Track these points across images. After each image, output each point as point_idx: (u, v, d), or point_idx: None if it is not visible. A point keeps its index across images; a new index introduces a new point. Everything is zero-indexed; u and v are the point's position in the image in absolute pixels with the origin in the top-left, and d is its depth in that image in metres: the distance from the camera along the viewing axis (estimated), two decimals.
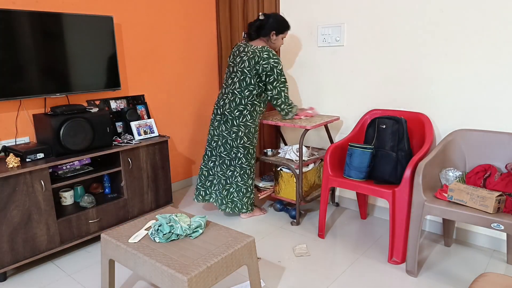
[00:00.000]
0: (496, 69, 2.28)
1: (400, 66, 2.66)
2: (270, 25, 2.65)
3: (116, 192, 2.80)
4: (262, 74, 2.59)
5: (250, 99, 2.66)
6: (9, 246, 2.16)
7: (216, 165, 2.87)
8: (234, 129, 2.71)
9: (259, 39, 2.71)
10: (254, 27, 2.68)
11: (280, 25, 2.68)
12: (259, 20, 2.68)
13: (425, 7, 2.48)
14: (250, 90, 2.64)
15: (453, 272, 2.21)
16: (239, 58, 2.69)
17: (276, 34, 2.69)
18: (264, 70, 2.58)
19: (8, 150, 2.37)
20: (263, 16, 2.67)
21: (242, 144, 2.73)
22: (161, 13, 3.24)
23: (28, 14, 2.33)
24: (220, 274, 1.65)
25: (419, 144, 2.53)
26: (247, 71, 2.62)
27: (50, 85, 2.49)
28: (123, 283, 2.18)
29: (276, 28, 2.67)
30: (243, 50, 2.69)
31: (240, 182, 2.80)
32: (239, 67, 2.67)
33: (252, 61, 2.60)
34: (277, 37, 2.70)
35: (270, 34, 2.67)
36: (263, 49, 2.60)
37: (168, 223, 1.83)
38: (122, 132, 2.94)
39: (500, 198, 1.87)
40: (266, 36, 2.69)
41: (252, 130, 2.73)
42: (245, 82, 2.64)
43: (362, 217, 2.93)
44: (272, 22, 2.65)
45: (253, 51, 2.62)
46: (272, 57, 2.59)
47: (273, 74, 2.59)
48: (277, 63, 2.59)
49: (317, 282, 2.14)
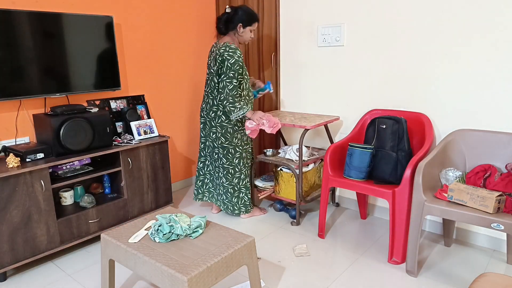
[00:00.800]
0: (496, 69, 2.28)
1: (400, 66, 2.66)
2: (238, 18, 2.61)
3: (116, 192, 2.80)
4: (219, 67, 2.58)
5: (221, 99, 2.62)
6: (9, 246, 2.16)
7: (206, 164, 2.93)
8: (213, 129, 2.76)
9: (228, 33, 2.68)
10: (223, 21, 2.65)
11: (247, 17, 2.63)
12: (226, 13, 2.64)
13: (425, 7, 2.48)
14: (217, 89, 2.64)
15: (453, 272, 2.21)
16: (209, 60, 2.73)
17: (244, 26, 2.64)
18: (220, 63, 2.57)
19: (8, 150, 2.37)
20: (230, 9, 2.63)
21: (221, 144, 2.75)
22: (161, 13, 3.24)
23: (28, 14, 2.33)
24: (220, 274, 1.65)
25: (419, 144, 2.53)
26: (213, 71, 2.65)
27: (50, 85, 2.49)
28: (123, 283, 2.18)
29: (243, 20, 2.62)
30: (213, 51, 2.70)
31: (226, 183, 2.82)
32: (209, 69, 2.72)
33: (215, 60, 2.62)
34: (244, 29, 2.65)
35: (237, 26, 2.63)
36: (223, 44, 2.58)
37: (168, 223, 1.83)
38: (122, 132, 2.94)
39: (500, 198, 1.87)
40: (234, 29, 2.65)
41: (229, 130, 2.71)
42: (213, 82, 2.67)
43: (362, 217, 2.93)
44: (240, 14, 2.61)
45: (218, 48, 2.62)
46: (227, 51, 2.54)
47: (223, 66, 2.55)
48: (230, 56, 2.52)
49: (317, 282, 2.14)
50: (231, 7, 2.65)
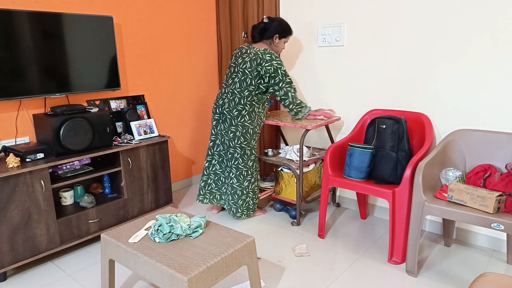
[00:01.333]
0: (496, 69, 2.28)
1: (400, 66, 2.66)
2: (274, 28, 2.70)
3: (116, 192, 2.80)
4: (265, 76, 2.61)
5: (249, 100, 2.66)
6: (9, 246, 2.16)
7: (212, 164, 2.91)
8: (232, 128, 2.72)
9: (262, 41, 2.75)
10: (258, 30, 2.73)
11: (283, 29, 2.73)
12: (263, 22, 2.72)
13: (425, 7, 2.48)
14: (250, 91, 2.65)
15: (453, 272, 2.21)
16: (241, 59, 2.72)
17: (279, 37, 2.73)
18: (267, 72, 2.60)
19: (8, 150, 2.37)
20: (268, 19, 2.71)
21: (239, 144, 2.73)
22: (161, 13, 3.24)
23: (28, 14, 2.33)
24: (220, 274, 1.65)
25: (419, 144, 2.53)
26: (248, 72, 2.64)
27: (50, 85, 2.49)
28: (123, 283, 2.18)
29: (280, 32, 2.71)
30: (245, 51, 2.72)
31: (236, 183, 2.79)
32: (241, 68, 2.69)
33: (254, 62, 2.62)
34: (279, 40, 2.74)
35: (273, 37, 2.71)
36: (265, 51, 2.62)
37: (168, 223, 1.83)
38: (122, 132, 2.94)
39: (500, 198, 1.87)
40: (270, 39, 2.72)
41: (250, 131, 2.72)
42: (245, 82, 2.65)
43: (362, 217, 2.93)
44: (276, 26, 2.70)
45: (255, 52, 2.64)
46: (275, 59, 2.61)
47: (277, 75, 2.60)
48: (280, 64, 2.61)
49: (317, 282, 2.14)
50: (269, 17, 2.73)
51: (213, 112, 2.85)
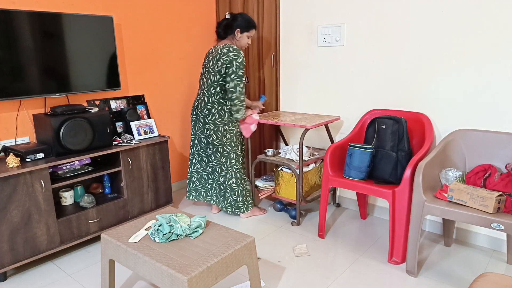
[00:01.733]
0: (496, 69, 2.28)
1: (400, 66, 2.66)
2: (236, 24, 2.74)
3: (116, 192, 2.80)
4: (222, 67, 2.65)
5: (217, 98, 2.72)
6: (9, 246, 2.16)
7: (193, 163, 2.98)
8: (206, 126, 2.80)
9: (226, 38, 2.81)
10: (222, 26, 2.79)
11: (245, 23, 2.75)
12: (226, 19, 2.78)
13: (425, 7, 2.48)
14: (214, 88, 2.71)
15: (453, 272, 2.21)
16: (207, 60, 2.80)
17: (241, 31, 2.76)
18: (224, 63, 2.64)
19: (8, 150, 2.37)
20: (230, 15, 2.77)
21: (212, 141, 2.80)
22: (161, 13, 3.24)
23: (28, 14, 2.33)
24: (220, 274, 1.65)
25: (419, 144, 2.53)
26: (211, 69, 2.72)
27: (50, 85, 2.49)
28: (123, 283, 2.18)
29: (241, 26, 2.74)
30: (211, 52, 2.79)
31: (215, 179, 2.89)
32: (206, 68, 2.78)
33: (214, 59, 2.70)
34: (241, 34, 2.77)
35: (235, 31, 2.74)
36: (224, 46, 2.68)
37: (168, 223, 1.83)
38: (122, 132, 2.94)
39: (500, 198, 1.87)
40: (232, 34, 2.76)
41: (220, 129, 2.76)
42: (210, 80, 2.73)
43: (362, 217, 2.93)
44: (239, 20, 2.74)
45: (217, 50, 2.72)
46: (231, 51, 2.64)
47: (231, 66, 2.64)
48: (236, 55, 2.64)
49: (317, 282, 2.14)
50: (231, 14, 2.78)
51: (191, 114, 2.93)
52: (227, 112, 2.76)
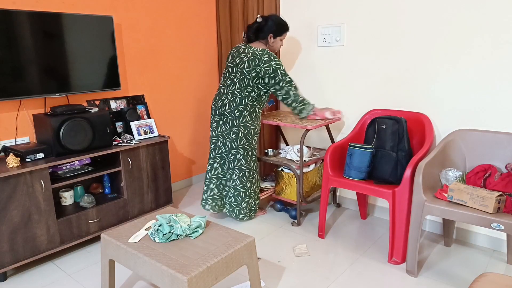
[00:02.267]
0: (496, 69, 2.28)
1: (400, 66, 2.66)
2: (268, 28, 2.65)
3: (116, 192, 2.80)
4: (264, 77, 2.59)
5: (250, 100, 2.66)
6: (9, 246, 2.16)
7: (214, 167, 2.85)
8: (234, 129, 2.69)
9: (258, 41, 2.72)
10: (253, 30, 2.69)
11: (278, 28, 2.67)
12: (257, 22, 2.68)
13: (425, 7, 2.48)
14: (249, 91, 2.64)
15: (453, 272, 2.21)
16: (238, 59, 2.68)
17: (274, 36, 2.68)
18: (266, 73, 2.58)
19: (8, 150, 2.37)
20: (261, 19, 2.67)
21: (242, 145, 2.70)
22: (161, 13, 3.24)
23: (28, 14, 2.33)
24: (220, 274, 1.65)
25: (419, 144, 2.53)
26: (246, 72, 2.62)
27: (50, 85, 2.49)
28: (123, 283, 2.18)
29: (274, 31, 2.67)
30: (242, 51, 2.69)
31: (239, 185, 2.76)
32: (239, 68, 2.66)
33: (252, 62, 2.60)
34: (275, 39, 2.69)
35: (268, 36, 2.67)
36: (263, 52, 2.60)
37: (168, 223, 1.83)
38: (122, 132, 2.94)
39: (500, 198, 1.87)
40: (265, 39, 2.68)
41: (251, 132, 2.71)
42: (244, 83, 2.63)
43: (362, 217, 2.93)
44: (270, 25, 2.65)
45: (253, 52, 2.61)
46: (273, 59, 2.58)
47: (277, 75, 2.58)
48: (278, 64, 2.59)
49: (317, 282, 2.14)
50: (262, 17, 2.68)
51: (212, 114, 2.82)
52: (259, 115, 2.73)
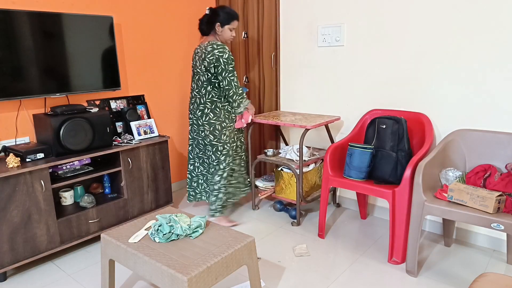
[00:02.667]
0: (496, 69, 2.28)
1: (400, 66, 2.66)
2: (215, 18, 2.63)
3: (116, 192, 2.80)
4: (210, 67, 2.58)
5: (209, 97, 2.66)
6: (9, 246, 2.16)
7: (196, 166, 2.94)
8: (200, 128, 2.74)
9: (210, 34, 2.70)
10: (204, 23, 2.68)
11: (224, 16, 2.62)
12: (206, 14, 2.67)
13: (425, 7, 2.48)
14: (205, 88, 2.65)
15: (453, 272, 2.21)
16: (194, 61, 2.74)
17: (222, 25, 2.64)
18: (211, 62, 2.56)
19: (8, 150, 2.37)
20: (209, 10, 2.66)
21: (209, 142, 2.73)
22: (161, 13, 3.24)
23: (28, 14, 2.33)
24: (220, 274, 1.65)
25: (419, 144, 2.53)
26: (199, 69, 2.66)
27: (50, 85, 2.49)
28: (123, 283, 2.18)
29: (221, 20, 2.62)
30: (197, 52, 2.70)
31: (213, 179, 2.80)
32: (195, 69, 2.72)
33: (200, 59, 2.62)
34: (223, 28, 2.65)
35: (215, 26, 2.64)
36: (208, 44, 2.58)
37: (168, 223, 1.83)
38: (122, 132, 2.94)
39: (500, 198, 1.87)
40: (213, 29, 2.66)
41: (218, 127, 2.68)
42: (200, 81, 2.67)
43: (362, 217, 2.93)
44: (217, 14, 2.63)
45: (201, 49, 2.63)
46: (216, 48, 2.55)
47: (220, 64, 2.55)
48: (222, 52, 2.54)
49: (317, 282, 2.14)
50: (211, 8, 2.68)
51: (188, 117, 2.89)
52: (223, 109, 2.68)
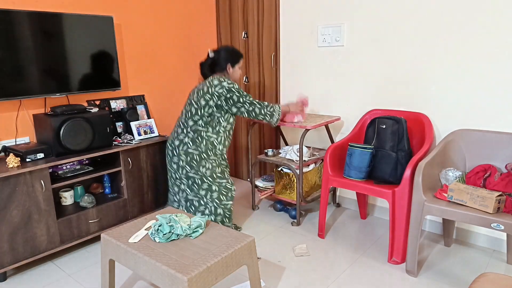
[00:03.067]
0: (496, 69, 2.28)
1: (400, 66, 2.66)
2: (224, 59, 2.50)
3: (116, 192, 2.80)
4: (219, 100, 2.38)
5: (192, 127, 2.43)
6: (9, 246, 2.16)
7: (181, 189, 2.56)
8: (174, 159, 2.48)
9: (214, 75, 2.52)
10: (207, 66, 2.53)
11: (233, 56, 2.53)
12: (210, 58, 2.53)
13: (425, 7, 2.48)
14: (193, 119, 2.42)
15: (453, 272, 2.21)
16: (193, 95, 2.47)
17: (232, 65, 2.52)
18: (221, 95, 2.37)
19: (8, 150, 2.37)
20: (213, 53, 2.53)
21: (185, 174, 2.46)
22: (161, 13, 3.24)
23: (28, 14, 2.33)
24: (220, 274, 1.65)
25: (419, 144, 2.53)
26: (194, 101, 2.42)
27: (50, 85, 2.49)
28: (123, 283, 2.18)
29: (231, 60, 2.51)
30: (197, 86, 2.49)
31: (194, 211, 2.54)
32: (189, 100, 2.47)
33: (200, 91, 2.41)
34: (233, 68, 2.53)
35: (226, 67, 2.51)
36: (212, 78, 2.42)
37: (168, 223, 1.83)
38: (122, 132, 2.94)
39: (500, 198, 1.87)
40: (223, 70, 2.52)
41: (196, 158, 2.41)
42: (190, 112, 2.43)
43: (362, 217, 2.93)
44: (225, 55, 2.50)
45: (203, 84, 2.44)
46: (224, 80, 2.39)
47: (233, 93, 2.38)
48: (231, 83, 2.39)
49: (317, 282, 2.14)
50: (213, 51, 2.54)
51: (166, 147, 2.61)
52: (205, 138, 2.43)
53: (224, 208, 2.49)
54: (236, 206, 3.24)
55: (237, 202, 3.31)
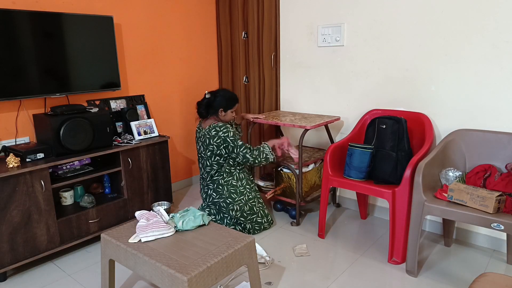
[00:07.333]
0: (496, 69, 2.28)
1: (400, 66, 2.66)
2: (217, 103, 2.60)
3: (116, 192, 2.80)
4: (219, 150, 2.55)
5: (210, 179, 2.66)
6: (9, 246, 2.16)
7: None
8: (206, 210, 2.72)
9: (210, 117, 2.65)
10: (203, 106, 2.64)
11: (227, 102, 2.62)
12: (206, 98, 2.63)
13: (425, 8, 2.48)
14: (208, 172, 2.65)
15: (453, 272, 2.21)
16: (198, 145, 2.71)
17: (224, 110, 2.62)
18: (220, 145, 2.54)
19: (8, 150, 2.37)
20: (210, 95, 2.63)
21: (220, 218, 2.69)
22: (161, 13, 3.24)
23: (28, 14, 2.33)
24: (220, 274, 1.65)
25: (419, 144, 2.53)
26: (203, 154, 2.65)
27: (50, 85, 2.49)
28: (123, 283, 2.18)
29: (224, 106, 2.61)
30: (198, 136, 2.68)
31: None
32: (199, 153, 2.70)
33: (204, 144, 2.61)
34: (225, 113, 2.63)
35: (218, 111, 2.61)
36: (210, 128, 2.57)
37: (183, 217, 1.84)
38: (122, 132, 2.94)
39: (500, 198, 1.87)
40: (216, 113, 2.62)
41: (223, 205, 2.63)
42: (203, 165, 2.68)
43: (362, 217, 2.93)
44: (219, 100, 2.60)
45: (204, 134, 2.61)
46: (220, 130, 2.53)
47: (228, 143, 2.53)
48: (226, 132, 2.52)
49: (317, 282, 2.14)
50: (210, 92, 2.64)
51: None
52: (224, 185, 2.63)
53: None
54: None
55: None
